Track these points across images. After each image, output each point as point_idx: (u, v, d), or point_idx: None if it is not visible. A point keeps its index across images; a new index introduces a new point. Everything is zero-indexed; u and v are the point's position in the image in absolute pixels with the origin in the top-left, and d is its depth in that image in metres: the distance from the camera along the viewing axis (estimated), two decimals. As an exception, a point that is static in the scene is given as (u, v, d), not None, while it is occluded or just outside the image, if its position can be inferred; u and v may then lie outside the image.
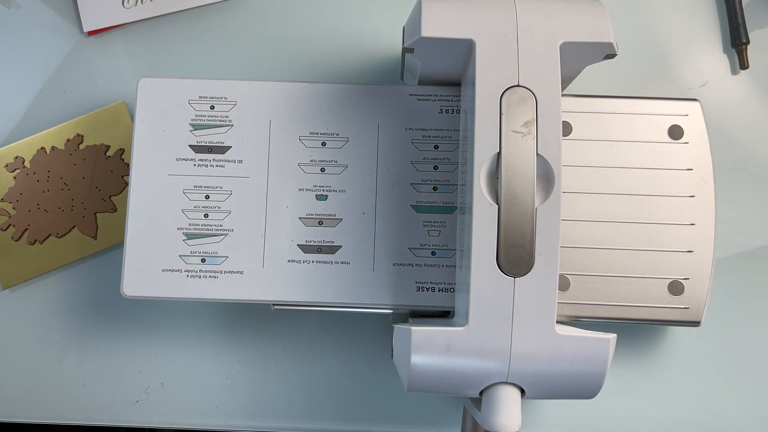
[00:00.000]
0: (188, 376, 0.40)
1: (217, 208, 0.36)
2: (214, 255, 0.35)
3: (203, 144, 0.36)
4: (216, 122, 0.36)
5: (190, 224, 0.36)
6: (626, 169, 0.36)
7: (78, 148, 0.41)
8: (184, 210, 0.36)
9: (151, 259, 0.35)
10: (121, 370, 0.40)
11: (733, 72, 0.42)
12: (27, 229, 0.40)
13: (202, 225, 0.36)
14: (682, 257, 0.35)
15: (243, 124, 0.36)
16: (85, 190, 0.41)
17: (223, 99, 0.36)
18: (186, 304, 0.41)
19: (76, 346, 0.41)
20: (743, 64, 0.41)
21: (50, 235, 0.40)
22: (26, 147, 0.41)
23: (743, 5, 0.42)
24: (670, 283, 0.35)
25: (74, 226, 0.40)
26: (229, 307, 0.41)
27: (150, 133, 0.36)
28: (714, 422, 0.39)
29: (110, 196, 0.41)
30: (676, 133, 0.36)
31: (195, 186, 0.36)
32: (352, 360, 0.40)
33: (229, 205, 0.36)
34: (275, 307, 0.36)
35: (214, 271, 0.35)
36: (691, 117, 0.36)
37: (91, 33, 0.43)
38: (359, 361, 0.40)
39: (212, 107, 0.36)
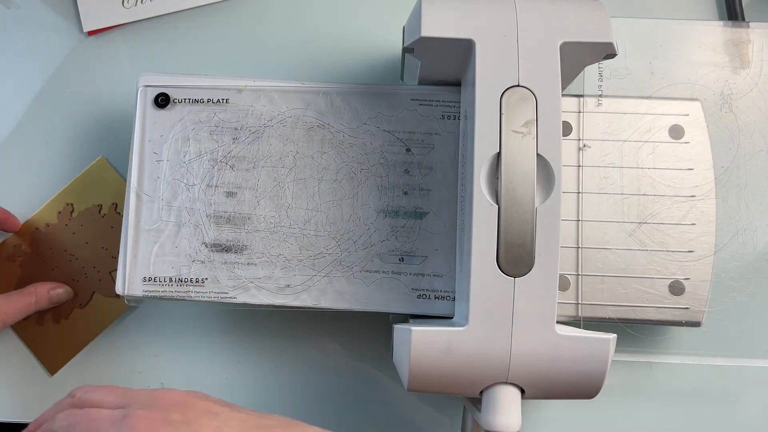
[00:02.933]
0: (188, 376, 0.40)
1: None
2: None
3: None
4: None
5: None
6: (627, 169, 0.36)
7: (71, 216, 0.41)
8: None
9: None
10: (121, 370, 0.40)
11: (734, 72, 0.42)
12: (49, 310, 0.40)
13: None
14: (683, 257, 0.35)
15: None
16: (93, 254, 0.40)
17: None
18: (186, 305, 0.41)
19: (76, 346, 0.41)
20: (743, 64, 0.41)
21: (73, 308, 0.40)
22: (22, 234, 0.41)
23: (743, 5, 0.42)
24: (671, 283, 0.35)
25: (94, 292, 0.40)
26: (229, 307, 0.40)
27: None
28: (714, 423, 0.39)
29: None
30: (676, 132, 0.36)
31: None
32: (352, 360, 0.40)
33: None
34: (276, 307, 0.36)
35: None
36: (692, 117, 0.36)
37: (91, 33, 0.43)
38: (359, 361, 0.40)
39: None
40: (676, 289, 0.35)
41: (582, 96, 0.37)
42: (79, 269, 0.40)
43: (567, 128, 0.36)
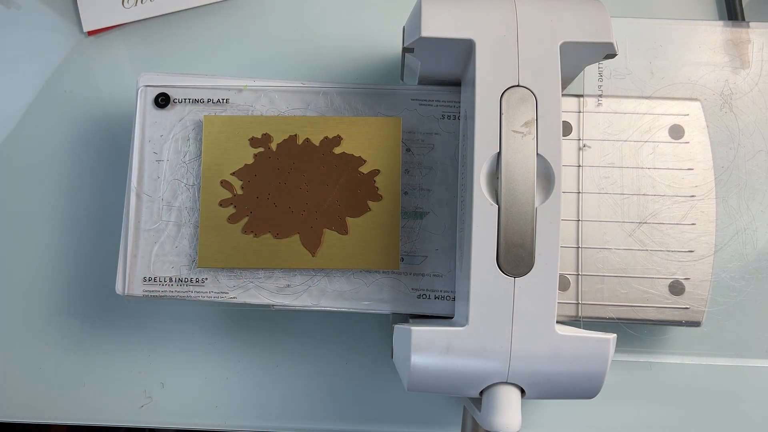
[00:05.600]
0: (188, 376, 0.40)
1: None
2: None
3: None
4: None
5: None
6: (627, 169, 0.36)
7: (333, 150, 0.36)
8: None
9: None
10: (121, 370, 0.40)
11: (734, 72, 0.42)
12: (248, 215, 0.35)
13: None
14: (683, 257, 0.35)
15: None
16: (323, 199, 0.35)
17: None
18: (186, 304, 0.41)
19: (76, 346, 0.41)
20: (743, 64, 0.41)
21: (269, 232, 0.35)
22: (277, 126, 0.36)
23: (743, 5, 0.42)
24: (671, 283, 0.35)
25: (297, 233, 0.35)
26: (229, 307, 0.40)
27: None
28: (714, 423, 0.39)
29: (346, 217, 0.35)
30: (676, 132, 0.36)
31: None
32: (352, 360, 0.40)
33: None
34: (275, 307, 0.36)
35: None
36: (692, 117, 0.36)
37: (91, 33, 0.43)
38: (359, 361, 0.40)
39: None
40: (676, 289, 0.35)
41: (582, 96, 0.37)
42: (301, 202, 0.35)
43: (567, 128, 0.36)
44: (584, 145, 0.36)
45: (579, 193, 0.36)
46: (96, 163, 0.42)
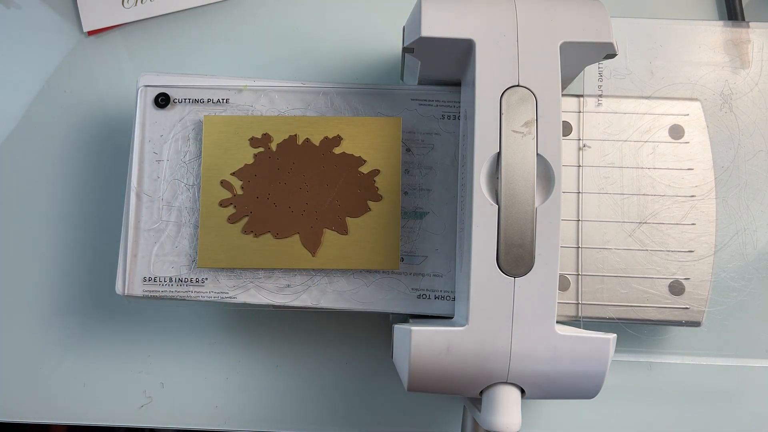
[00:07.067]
0: (188, 376, 0.40)
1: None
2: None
3: None
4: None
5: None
6: (627, 169, 0.36)
7: (332, 150, 0.36)
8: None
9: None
10: (121, 370, 0.40)
11: (734, 72, 0.42)
12: (248, 215, 0.35)
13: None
14: (683, 257, 0.35)
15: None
16: (323, 199, 0.35)
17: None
18: (186, 304, 0.41)
19: (76, 346, 0.41)
20: (743, 64, 0.41)
21: (269, 232, 0.35)
22: (277, 126, 0.36)
23: (743, 5, 0.42)
24: (671, 283, 0.35)
25: (297, 233, 0.35)
26: (229, 307, 0.41)
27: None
28: (714, 423, 0.39)
29: (346, 217, 0.35)
30: (676, 132, 0.36)
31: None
32: (352, 360, 0.40)
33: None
34: (275, 307, 0.36)
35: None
36: (692, 117, 0.36)
37: (91, 33, 0.43)
38: (359, 361, 0.40)
39: None
40: (676, 289, 0.35)
41: (582, 96, 0.37)
42: (301, 202, 0.35)
43: (567, 128, 0.36)
44: (584, 145, 0.36)
45: (579, 193, 0.36)
46: (96, 163, 0.42)
